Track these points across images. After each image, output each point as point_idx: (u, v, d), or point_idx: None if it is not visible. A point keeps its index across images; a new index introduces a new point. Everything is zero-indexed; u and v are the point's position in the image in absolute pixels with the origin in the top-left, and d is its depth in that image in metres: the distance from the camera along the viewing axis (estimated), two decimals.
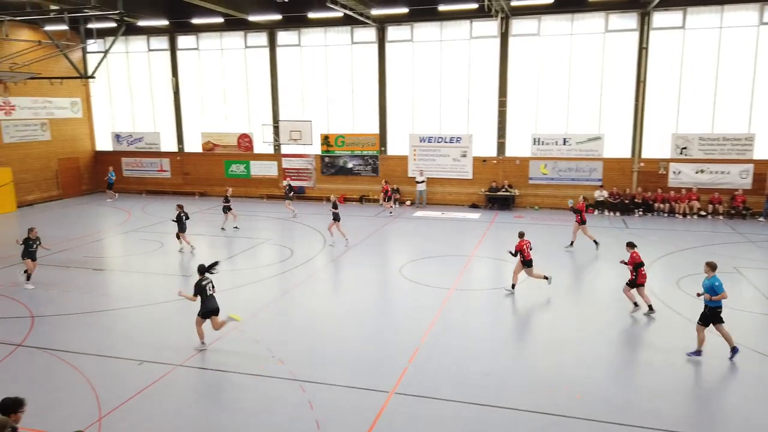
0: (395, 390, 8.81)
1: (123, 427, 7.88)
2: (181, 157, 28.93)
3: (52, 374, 9.52)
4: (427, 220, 22.58)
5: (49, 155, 27.37)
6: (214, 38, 27.39)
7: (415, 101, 25.43)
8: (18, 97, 25.27)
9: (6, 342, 10.73)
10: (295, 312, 12.61)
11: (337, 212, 18.13)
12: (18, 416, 5.69)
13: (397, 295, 13.81)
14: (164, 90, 28.63)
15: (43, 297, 13.35)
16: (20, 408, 5.74)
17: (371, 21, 23.82)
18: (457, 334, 11.09)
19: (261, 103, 27.27)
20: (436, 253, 17.28)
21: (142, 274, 15.59)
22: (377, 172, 26.32)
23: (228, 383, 9.22)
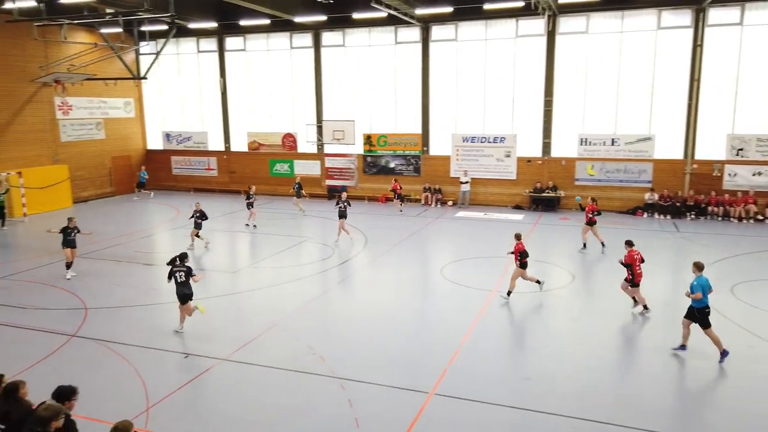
0: (435, 391, 8.77)
1: (168, 418, 8.11)
2: (228, 156, 29.58)
3: (103, 364, 9.89)
4: (470, 220, 22.38)
5: (103, 153, 28.45)
6: (260, 39, 27.89)
7: (459, 101, 25.25)
8: (75, 98, 26.36)
9: (61, 332, 11.21)
10: (336, 310, 12.71)
11: (345, 210, 18.25)
12: (71, 404, 5.93)
13: (438, 295, 13.74)
14: (212, 90, 29.34)
15: (96, 290, 13.88)
16: (73, 396, 5.99)
17: (415, 21, 23.77)
18: (498, 337, 10.95)
19: (305, 103, 27.60)
20: (478, 255, 17.11)
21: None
22: (419, 172, 26.26)
23: (270, 379, 9.36)
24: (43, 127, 25.31)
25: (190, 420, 8.00)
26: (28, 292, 13.74)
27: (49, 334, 11.12)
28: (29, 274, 15.24)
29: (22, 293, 13.68)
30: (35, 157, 24.84)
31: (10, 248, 18.95)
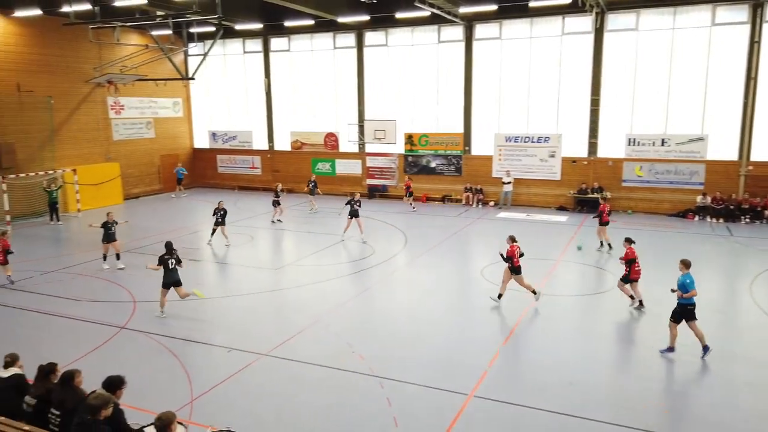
0: (474, 393, 8.67)
1: (211, 410, 8.29)
2: (271, 155, 30.07)
3: (150, 356, 10.19)
4: (511, 221, 22.05)
5: (153, 152, 29.35)
6: (304, 40, 28.23)
7: (502, 100, 24.93)
8: (126, 98, 27.29)
9: (111, 324, 11.62)
10: (376, 309, 12.73)
11: (357, 209, 18.56)
12: (120, 393, 6.14)
13: (478, 297, 13.58)
14: (257, 90, 29.87)
15: (144, 284, 14.31)
16: (122, 386, 6.19)
17: (459, 19, 23.60)
18: (540, 340, 10.75)
19: (347, 103, 27.79)
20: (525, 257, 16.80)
21: (232, 265, 16.36)
22: (461, 171, 26.06)
23: (310, 375, 9.45)
24: (97, 126, 26.30)
25: (232, 413, 8.15)
26: (80, 285, 14.30)
27: (100, 326, 11.54)
28: (81, 267, 15.86)
29: (75, 286, 14.25)
30: (89, 155, 25.84)
31: (64, 242, 19.77)
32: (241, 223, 21.72)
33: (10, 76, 22.34)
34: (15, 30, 22.50)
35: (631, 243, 12.12)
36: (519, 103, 24.65)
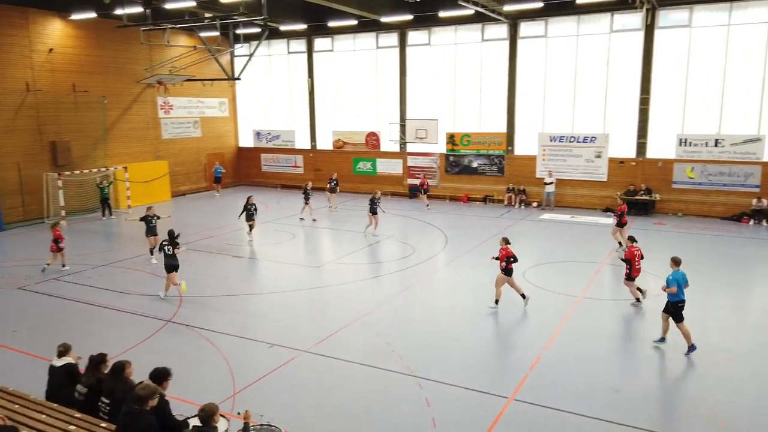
0: (514, 396, 8.54)
1: (252, 404, 8.38)
2: (314, 154, 30.39)
3: (195, 349, 10.44)
4: (555, 223, 21.64)
5: (199, 150, 30.10)
6: (347, 40, 28.41)
7: (547, 99, 24.47)
8: (175, 98, 28.07)
9: (158, 317, 11.96)
10: (415, 309, 12.69)
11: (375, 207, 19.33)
12: (165, 384, 6.30)
13: (520, 299, 13.37)
14: (300, 90, 30.24)
15: (190, 279, 14.65)
16: (168, 377, 6.36)
17: (503, 17, 23.30)
18: (584, 345, 10.49)
19: (389, 102, 27.81)
20: (564, 259, 16.50)
21: (274, 262, 16.60)
22: (503, 172, 25.71)
23: (349, 372, 9.49)
24: (147, 125, 27.16)
25: (273, 408, 8.25)
26: (129, 278, 14.78)
27: (148, 318, 11.90)
28: (131, 261, 16.40)
29: (124, 279, 14.74)
30: (139, 153, 26.71)
31: (115, 237, 20.48)
32: (282, 221, 22.04)
33: (66, 77, 23.30)
34: (72, 32, 23.46)
35: (633, 242, 12.45)
36: (564, 102, 24.15)
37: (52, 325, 11.63)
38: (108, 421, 6.20)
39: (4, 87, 21.19)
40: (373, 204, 19.36)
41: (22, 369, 9.47)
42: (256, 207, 18.98)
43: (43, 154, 22.67)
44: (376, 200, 19.48)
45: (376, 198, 19.54)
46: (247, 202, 18.87)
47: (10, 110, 21.48)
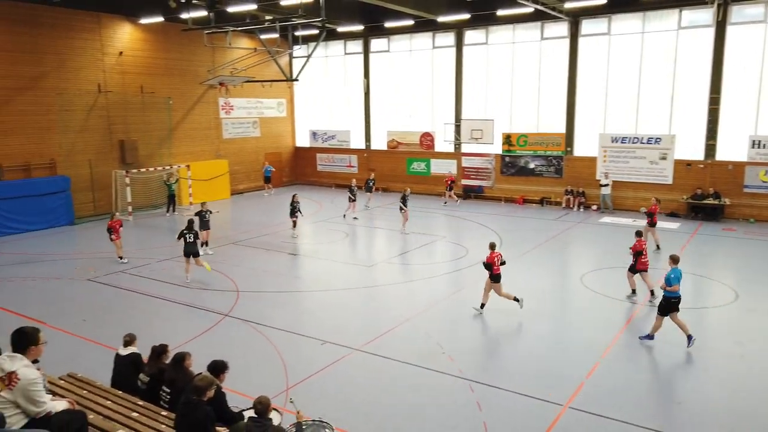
0: (569, 404, 8.30)
1: (305, 400, 8.52)
2: (368, 154, 30.59)
3: (250, 343, 10.71)
4: (616, 227, 20.93)
5: (258, 150, 30.88)
6: (404, 40, 28.44)
7: (609, 99, 23.70)
8: (235, 99, 28.91)
9: (216, 311, 12.35)
10: (468, 311, 12.54)
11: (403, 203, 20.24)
12: (222, 377, 6.50)
13: (577, 304, 13.02)
14: (356, 90, 30.51)
15: (247, 275, 15.09)
16: (225, 370, 6.55)
17: (564, 15, 22.73)
18: (645, 354, 10.09)
19: (444, 102, 27.66)
20: (624, 264, 15.89)
21: (328, 261, 16.81)
22: (561, 173, 25.08)
23: (400, 373, 9.49)
24: (209, 125, 28.11)
25: (323, 405, 8.35)
26: (191, 273, 15.29)
27: (207, 312, 12.31)
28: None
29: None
30: (201, 152, 27.67)
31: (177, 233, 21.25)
32: (336, 220, 22.29)
33: (135, 78, 24.41)
34: (140, 36, 24.56)
35: (639, 236, 13.02)
36: (627, 102, 23.31)
37: (118, 315, 12.20)
38: (168, 409, 6.45)
39: (78, 88, 22.42)
40: (404, 201, 19.93)
41: (90, 356, 9.98)
42: (299, 205, 19.43)
43: (113, 153, 23.84)
44: (407, 197, 20.01)
45: (406, 195, 20.11)
46: (292, 199, 19.33)
47: (84, 110, 22.70)
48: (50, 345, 5.13)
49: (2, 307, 11.84)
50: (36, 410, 4.35)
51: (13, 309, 12.09)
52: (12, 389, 4.28)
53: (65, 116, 22.02)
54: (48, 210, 21.01)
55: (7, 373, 4.28)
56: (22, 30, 20.55)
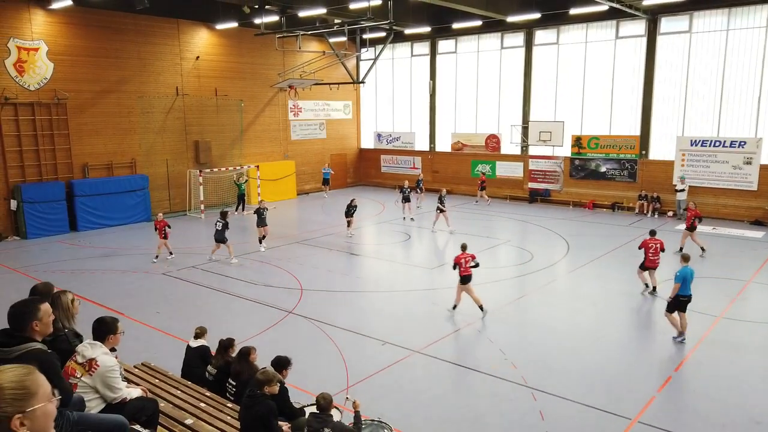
0: (638, 418, 7.93)
1: (364, 399, 8.57)
2: (432, 156, 30.48)
3: (313, 341, 10.90)
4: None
5: (324, 151, 31.44)
6: (471, 41, 28.15)
7: (687, 99, 22.50)
8: (304, 101, 29.57)
9: (281, 308, 12.65)
10: (532, 318, 12.25)
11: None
12: (286, 372, 6.65)
13: (649, 315, 12.42)
14: (421, 92, 30.48)
15: (311, 273, 15.38)
16: (288, 366, 6.69)
17: (641, 13, 21.78)
18: (722, 370, 9.49)
19: (511, 104, 27.14)
20: (702, 274, 15.04)
21: (389, 262, 16.88)
22: (635, 177, 24.03)
23: (460, 377, 9.39)
24: (278, 127, 28.89)
25: (382, 405, 8.37)
26: (257, 270, 15.80)
27: (271, 309, 12.63)
28: (259, 254, 17.50)
29: (253, 270, 15.77)
30: (269, 153, 28.48)
31: (247, 231, 21.95)
32: (398, 222, 22.34)
33: (210, 82, 25.45)
34: (215, 41, 25.57)
35: (653, 235, 13.48)
36: (708, 104, 22.06)
37: (190, 308, 12.74)
38: (233, 402, 6.66)
39: (158, 92, 23.61)
40: (441, 202, 20.37)
41: (162, 347, 10.47)
42: (355, 207, 19.79)
43: (188, 153, 24.95)
44: (443, 198, 20.54)
45: (443, 196, 20.63)
46: (350, 202, 19.72)
47: (162, 112, 23.89)
48: (126, 335, 5.41)
49: (85, 297, 12.62)
50: (112, 396, 4.59)
51: (94, 299, 12.88)
52: (92, 375, 4.54)
53: (145, 118, 23.26)
54: (128, 207, 22.25)
55: (88, 360, 4.55)
56: (109, 36, 21.87)
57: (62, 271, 15.66)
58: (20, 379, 1.93)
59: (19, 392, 1.90)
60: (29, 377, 1.96)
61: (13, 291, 12.42)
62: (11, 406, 1.87)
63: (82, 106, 21.37)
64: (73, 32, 20.93)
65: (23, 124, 19.98)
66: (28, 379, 1.95)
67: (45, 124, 20.50)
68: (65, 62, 20.76)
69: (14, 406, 1.88)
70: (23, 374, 1.95)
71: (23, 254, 17.95)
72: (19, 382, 1.92)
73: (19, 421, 1.88)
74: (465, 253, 11.97)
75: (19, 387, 1.91)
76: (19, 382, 1.92)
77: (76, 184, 20.99)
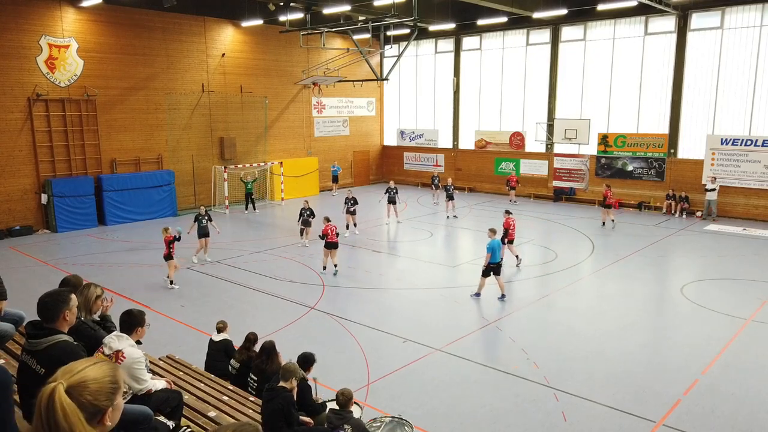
0: (663, 421, 7.79)
1: (385, 396, 8.62)
2: (455, 153, 30.33)
3: (335, 337, 10.94)
4: (722, 235, 19.39)
5: (347, 148, 31.52)
6: (496, 38, 27.90)
7: (718, 97, 21.98)
8: (327, 98, 29.66)
9: (303, 304, 12.73)
10: (555, 317, 12.11)
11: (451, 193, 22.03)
12: (310, 370, 6.70)
13: (675, 316, 12.18)
14: (445, 89, 30.33)
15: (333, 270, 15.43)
16: (313, 363, 6.74)
17: (671, 9, 21.33)
18: (750, 374, 9.27)
19: (536, 101, 26.85)
20: (732, 276, 14.72)
21: (411, 259, 16.85)
22: (663, 177, 23.58)
23: (481, 376, 9.33)
24: (301, 124, 29.04)
25: (403, 402, 8.38)
26: (280, 266, 15.92)
27: (294, 304, 12.72)
28: (282, 250, 17.65)
29: (276, 266, 15.89)
30: (293, 149, 28.66)
31: (269, 227, 22.15)
32: (420, 219, 22.30)
33: (236, 79, 25.69)
34: (241, 38, 25.80)
35: (509, 214, 15.75)
36: (740, 102, 21.52)
37: (213, 303, 12.91)
38: (255, 396, 6.73)
39: (185, 88, 23.93)
40: (448, 191, 21.83)
41: (187, 340, 10.62)
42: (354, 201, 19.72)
43: (213, 149, 25.25)
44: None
45: (449, 186, 22.07)
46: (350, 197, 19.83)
47: (188, 109, 24.21)
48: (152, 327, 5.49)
49: (113, 290, 12.87)
50: (138, 387, 4.67)
51: (121, 292, 13.12)
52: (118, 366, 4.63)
53: (172, 114, 23.59)
54: (154, 201, 22.62)
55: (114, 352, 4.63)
56: (137, 34, 22.23)
57: (90, 264, 15.99)
58: (114, 374, 2.05)
59: (114, 386, 2.02)
60: (119, 372, 2.08)
61: (43, 282, 12.73)
62: (109, 400, 2.00)
63: (110, 103, 21.77)
64: (103, 30, 21.32)
65: (54, 119, 20.44)
66: (118, 373, 2.07)
67: (75, 120, 20.94)
68: (95, 59, 21.17)
69: (111, 399, 2.00)
70: (114, 369, 2.07)
71: (53, 247, 18.38)
72: (113, 376, 2.03)
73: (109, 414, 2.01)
74: (330, 224, 14.73)
75: (114, 381, 2.02)
76: (113, 377, 2.03)
77: (105, 179, 21.41)
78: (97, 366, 2.03)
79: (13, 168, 19.77)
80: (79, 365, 2.02)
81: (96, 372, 1.99)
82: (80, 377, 1.96)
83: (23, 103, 19.70)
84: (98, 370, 2.01)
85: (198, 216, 16.25)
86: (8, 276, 9.20)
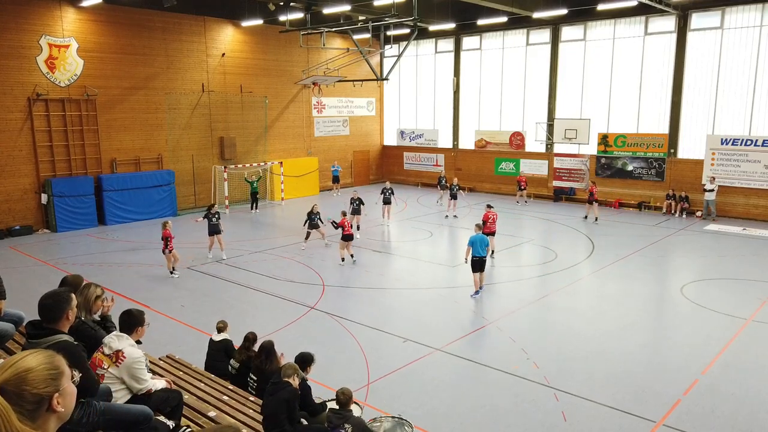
0: (663, 422, 7.79)
1: (385, 395, 8.62)
2: (455, 153, 30.33)
3: (334, 337, 10.94)
4: (722, 235, 19.40)
5: (347, 148, 31.52)
6: (496, 38, 27.91)
7: (719, 97, 21.98)
8: (327, 98, 29.66)
9: (303, 304, 12.73)
10: (555, 317, 12.12)
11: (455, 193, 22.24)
12: (309, 369, 6.69)
13: (675, 316, 12.19)
14: (445, 89, 30.33)
15: (333, 270, 15.44)
16: (312, 363, 6.73)
17: (671, 8, 21.33)
18: (751, 374, 9.27)
19: (536, 101, 26.85)
20: (732, 276, 14.73)
21: (411, 259, 16.85)
22: (663, 176, 23.59)
23: (481, 376, 9.33)
24: (301, 124, 29.04)
25: (403, 402, 8.38)
26: (280, 266, 15.91)
27: (294, 304, 12.72)
28: (282, 250, 17.65)
29: (276, 266, 15.89)
30: (293, 149, 28.65)
31: (269, 227, 22.15)
32: (421, 219, 22.30)
33: (236, 78, 25.69)
34: (241, 38, 25.80)
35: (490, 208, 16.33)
36: (740, 102, 21.52)
37: (213, 302, 12.90)
38: (255, 396, 6.72)
39: (185, 88, 23.93)
40: (453, 190, 22.08)
41: (186, 340, 10.62)
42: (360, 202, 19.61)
43: (213, 149, 25.25)
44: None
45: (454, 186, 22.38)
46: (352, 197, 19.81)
47: (188, 109, 24.21)
48: (151, 327, 5.50)
49: (113, 290, 12.87)
50: (138, 387, 4.67)
51: (120, 292, 13.11)
52: (118, 366, 4.63)
53: (172, 114, 23.59)
54: (154, 201, 22.62)
55: (115, 351, 4.63)
56: (137, 33, 22.23)
57: (90, 264, 15.99)
58: (51, 360, 2.05)
59: (53, 372, 2.02)
60: (56, 358, 2.08)
61: (43, 282, 12.73)
62: (51, 386, 2.00)
63: (110, 102, 21.77)
64: (103, 29, 21.32)
65: (54, 119, 20.44)
66: (55, 359, 2.06)
67: (75, 119, 20.94)
68: (95, 59, 21.17)
69: (53, 385, 2.01)
70: (50, 356, 2.07)
71: (53, 247, 18.38)
72: (50, 363, 2.04)
73: (56, 400, 2.01)
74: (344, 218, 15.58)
75: (52, 367, 2.02)
76: (50, 363, 2.03)
77: (105, 179, 21.41)
78: (32, 356, 2.03)
79: (13, 168, 19.77)
80: (13, 359, 2.02)
81: (31, 361, 2.00)
82: (13, 370, 1.96)
83: (23, 103, 19.70)
84: (33, 359, 2.01)
85: (208, 213, 16.32)
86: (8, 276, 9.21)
